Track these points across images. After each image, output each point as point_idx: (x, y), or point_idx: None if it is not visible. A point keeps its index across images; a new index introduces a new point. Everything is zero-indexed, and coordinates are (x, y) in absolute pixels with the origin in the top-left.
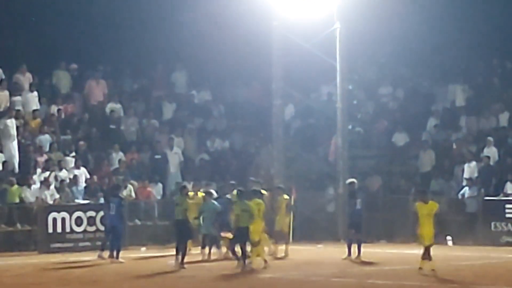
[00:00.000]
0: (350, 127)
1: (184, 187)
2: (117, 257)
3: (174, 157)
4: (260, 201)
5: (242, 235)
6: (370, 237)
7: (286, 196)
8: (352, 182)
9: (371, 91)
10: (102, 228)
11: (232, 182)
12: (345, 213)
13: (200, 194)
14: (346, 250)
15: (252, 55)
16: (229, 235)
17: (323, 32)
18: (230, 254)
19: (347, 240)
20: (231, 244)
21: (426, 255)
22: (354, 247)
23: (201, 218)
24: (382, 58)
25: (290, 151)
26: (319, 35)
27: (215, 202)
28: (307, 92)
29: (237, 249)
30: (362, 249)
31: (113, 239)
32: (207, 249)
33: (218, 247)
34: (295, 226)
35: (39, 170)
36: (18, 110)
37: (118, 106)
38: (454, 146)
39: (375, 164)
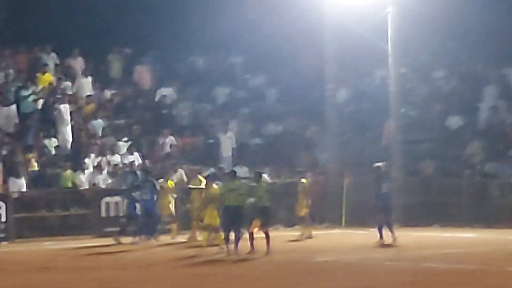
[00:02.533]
0: (403, 111)
1: (260, 173)
2: (156, 238)
3: (227, 142)
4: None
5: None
6: (424, 221)
7: (303, 180)
8: (379, 166)
9: (424, 75)
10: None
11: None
12: (373, 197)
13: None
14: (377, 234)
15: (305, 39)
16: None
17: (376, 16)
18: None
19: (377, 224)
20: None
21: None
22: (386, 231)
23: None
24: (435, 42)
25: (343, 135)
26: (371, 18)
27: None
28: (360, 76)
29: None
30: (395, 232)
31: (151, 223)
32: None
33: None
34: (347, 211)
35: (92, 155)
36: (71, 95)
37: (171, 90)
38: (508, 130)
39: (428, 148)
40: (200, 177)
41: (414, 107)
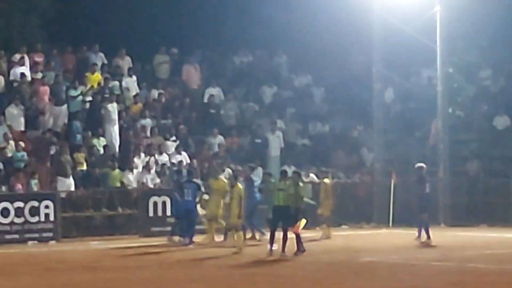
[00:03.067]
0: (450, 110)
1: (299, 174)
2: (191, 242)
3: (276, 141)
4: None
5: None
6: (471, 221)
7: (326, 180)
8: (421, 167)
9: (471, 75)
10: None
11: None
12: (415, 197)
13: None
14: (424, 234)
15: (352, 38)
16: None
17: (424, 15)
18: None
19: (419, 223)
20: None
21: None
22: (425, 230)
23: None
24: (483, 41)
25: (389, 135)
26: (419, 18)
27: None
28: (407, 76)
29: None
30: (430, 233)
31: (189, 225)
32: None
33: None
34: (394, 210)
35: (142, 155)
36: (119, 95)
37: (218, 90)
38: None
39: (475, 148)
40: (222, 177)
41: (461, 107)
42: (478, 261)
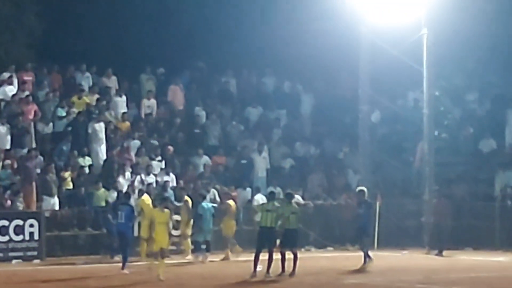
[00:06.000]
0: (436, 133)
1: (291, 194)
2: (123, 267)
3: (262, 162)
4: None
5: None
6: (456, 244)
7: (231, 202)
8: (362, 191)
9: (458, 98)
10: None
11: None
12: (355, 221)
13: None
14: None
15: (339, 60)
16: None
17: (411, 38)
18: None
19: (362, 248)
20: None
21: None
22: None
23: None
24: (469, 65)
25: (376, 157)
26: (406, 41)
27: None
28: (393, 98)
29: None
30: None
31: (122, 248)
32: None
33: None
34: (380, 232)
35: (127, 174)
36: (106, 114)
37: (203, 110)
38: None
39: (461, 170)
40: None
41: (447, 129)
42: (462, 284)
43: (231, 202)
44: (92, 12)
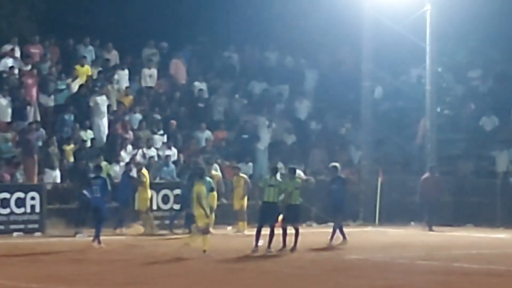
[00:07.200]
0: (438, 110)
1: (294, 169)
2: (99, 241)
3: (265, 137)
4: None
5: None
6: (457, 220)
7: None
8: (335, 166)
9: (460, 74)
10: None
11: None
12: (328, 197)
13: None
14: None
15: (342, 36)
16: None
17: (414, 14)
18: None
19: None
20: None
21: None
22: (340, 231)
23: None
24: (472, 41)
25: (378, 133)
26: (409, 17)
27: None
28: (396, 74)
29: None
30: (335, 236)
31: (97, 222)
32: None
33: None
34: (381, 208)
35: (129, 147)
36: (109, 88)
37: (206, 85)
38: None
39: (463, 147)
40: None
41: (450, 106)
42: (464, 261)
43: (240, 176)
44: None
